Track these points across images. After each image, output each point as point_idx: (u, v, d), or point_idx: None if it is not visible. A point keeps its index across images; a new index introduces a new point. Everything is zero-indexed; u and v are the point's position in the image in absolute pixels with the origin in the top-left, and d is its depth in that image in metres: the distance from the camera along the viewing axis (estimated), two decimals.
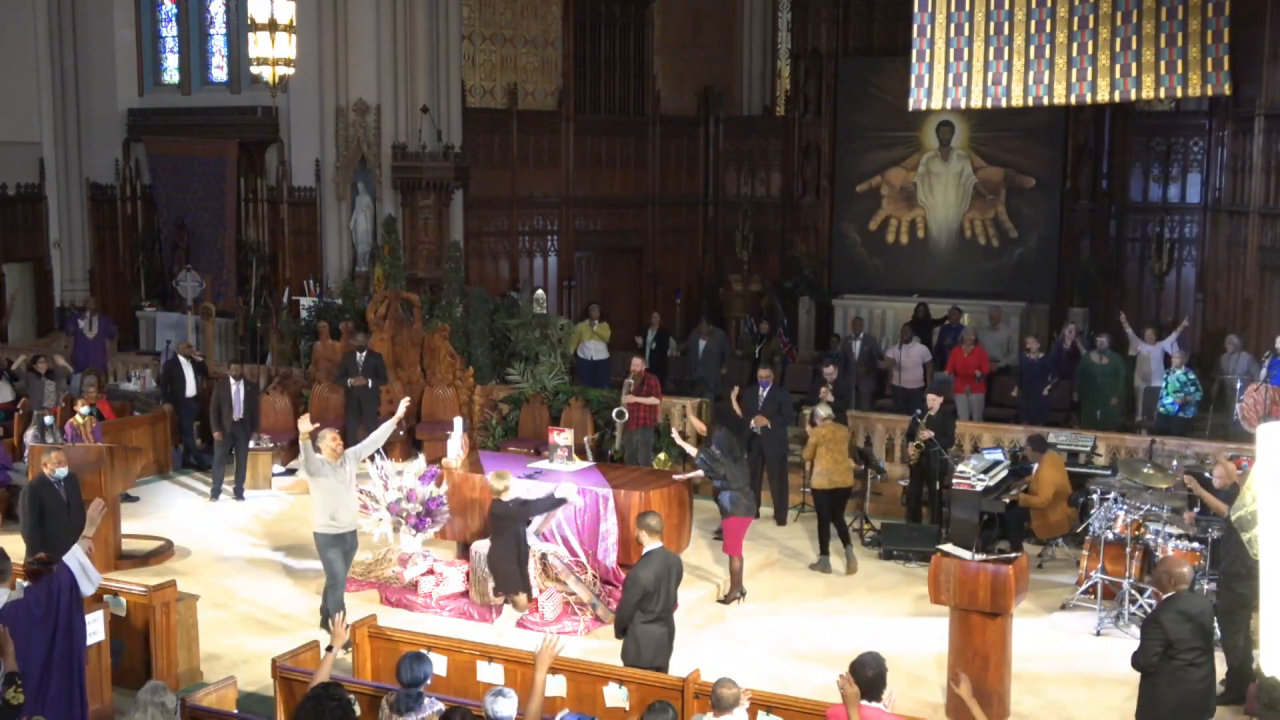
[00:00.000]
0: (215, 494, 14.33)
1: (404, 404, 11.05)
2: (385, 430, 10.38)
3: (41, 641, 7.18)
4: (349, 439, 15.05)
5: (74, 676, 7.31)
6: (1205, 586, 9.74)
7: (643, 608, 7.93)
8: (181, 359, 15.73)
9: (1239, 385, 14.37)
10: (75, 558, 7.63)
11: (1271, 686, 6.46)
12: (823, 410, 12.31)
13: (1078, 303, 19.58)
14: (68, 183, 21.79)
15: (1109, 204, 20.10)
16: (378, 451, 12.09)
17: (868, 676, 6.34)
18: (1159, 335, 16.06)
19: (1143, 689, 7.45)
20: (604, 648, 9.74)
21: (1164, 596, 7.41)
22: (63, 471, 10.17)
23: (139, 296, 21.49)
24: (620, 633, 8.11)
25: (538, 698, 6.54)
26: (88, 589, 7.80)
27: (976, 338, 16.42)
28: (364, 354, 15.02)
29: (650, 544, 8.11)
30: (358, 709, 7.27)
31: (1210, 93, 12.93)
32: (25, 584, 7.80)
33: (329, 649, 6.91)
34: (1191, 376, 14.74)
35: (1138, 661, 7.36)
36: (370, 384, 14.89)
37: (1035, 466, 11.93)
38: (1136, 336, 16.24)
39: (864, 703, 6.33)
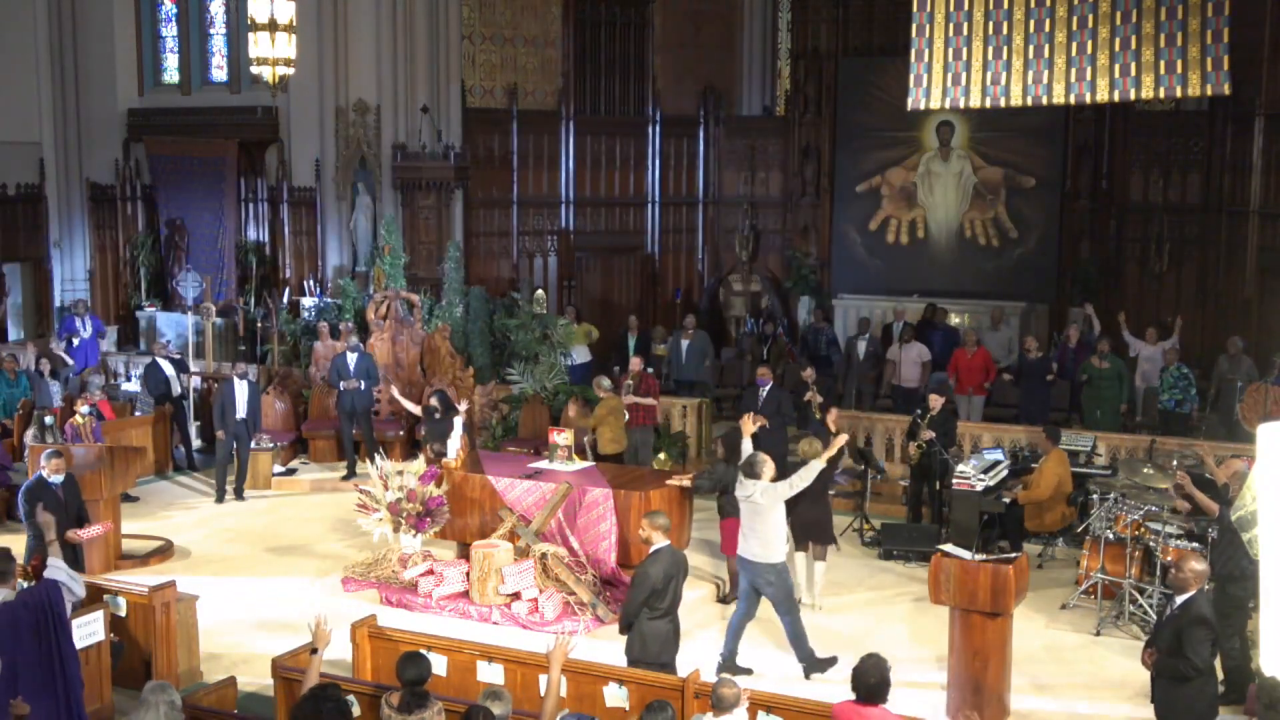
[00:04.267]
0: (220, 496, 14.28)
1: (842, 438, 10.23)
2: (816, 467, 9.60)
3: (32, 648, 7.18)
4: (345, 441, 15.12)
5: (66, 687, 7.29)
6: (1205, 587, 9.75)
7: (650, 605, 7.95)
8: (159, 360, 15.71)
9: (1239, 386, 14.38)
10: (60, 571, 7.61)
11: (1272, 686, 6.45)
12: (605, 382, 13.46)
13: (1078, 302, 19.57)
14: (68, 183, 21.78)
15: (1109, 204, 20.09)
16: (378, 451, 12.12)
17: (870, 683, 6.34)
18: (1160, 336, 16.05)
19: (1181, 694, 7.20)
20: (604, 648, 9.74)
21: (1188, 596, 7.27)
22: (59, 478, 10.17)
23: (139, 296, 21.49)
24: (625, 629, 8.12)
25: (553, 697, 6.54)
26: (80, 592, 7.82)
27: (979, 339, 16.41)
28: (356, 355, 14.99)
29: (659, 542, 8.13)
30: (358, 709, 7.30)
31: (1210, 93, 12.92)
32: (26, 585, 7.81)
33: (313, 651, 6.89)
34: (1184, 371, 14.77)
35: (1195, 665, 7.05)
36: (363, 386, 14.84)
37: (1041, 459, 11.96)
38: (1135, 339, 16.23)
39: (868, 707, 6.34)
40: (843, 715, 6.45)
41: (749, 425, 9.98)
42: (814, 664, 9.41)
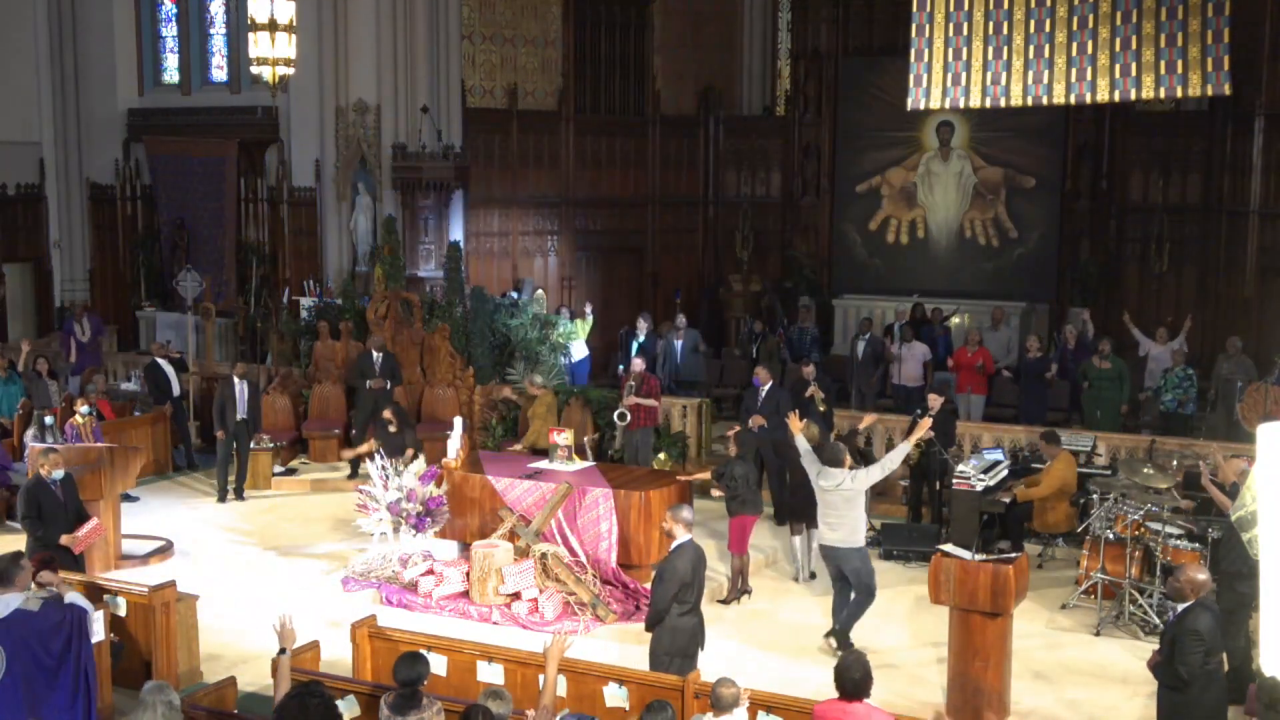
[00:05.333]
0: (222, 496, 14.29)
1: (926, 422, 10.57)
2: (904, 450, 10.02)
3: (44, 660, 7.18)
4: (361, 440, 15.09)
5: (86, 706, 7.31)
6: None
7: (679, 598, 7.96)
8: (159, 360, 15.71)
9: (1239, 386, 14.38)
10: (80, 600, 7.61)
11: (1272, 686, 6.45)
12: (538, 379, 13.61)
13: (1078, 302, 19.58)
14: (68, 183, 21.79)
15: (1109, 204, 20.09)
16: (378, 451, 12.14)
17: (855, 678, 6.34)
18: (1170, 336, 16.03)
19: (1172, 700, 7.29)
20: (604, 648, 9.75)
21: (1187, 604, 7.30)
22: (59, 473, 10.17)
23: (139, 296, 21.49)
24: (654, 624, 8.10)
25: (549, 694, 6.55)
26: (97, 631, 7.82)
27: (981, 338, 16.43)
28: (380, 355, 15.02)
29: (682, 536, 8.14)
30: (357, 709, 7.31)
31: (1210, 93, 12.92)
32: (41, 595, 7.82)
33: (281, 651, 6.88)
34: (1188, 372, 14.77)
35: (1178, 674, 7.14)
36: (389, 386, 14.89)
37: (1048, 461, 11.96)
38: (1146, 339, 16.20)
39: (852, 703, 6.33)
40: (826, 715, 6.43)
41: (797, 424, 10.15)
42: (844, 642, 9.74)
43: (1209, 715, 7.30)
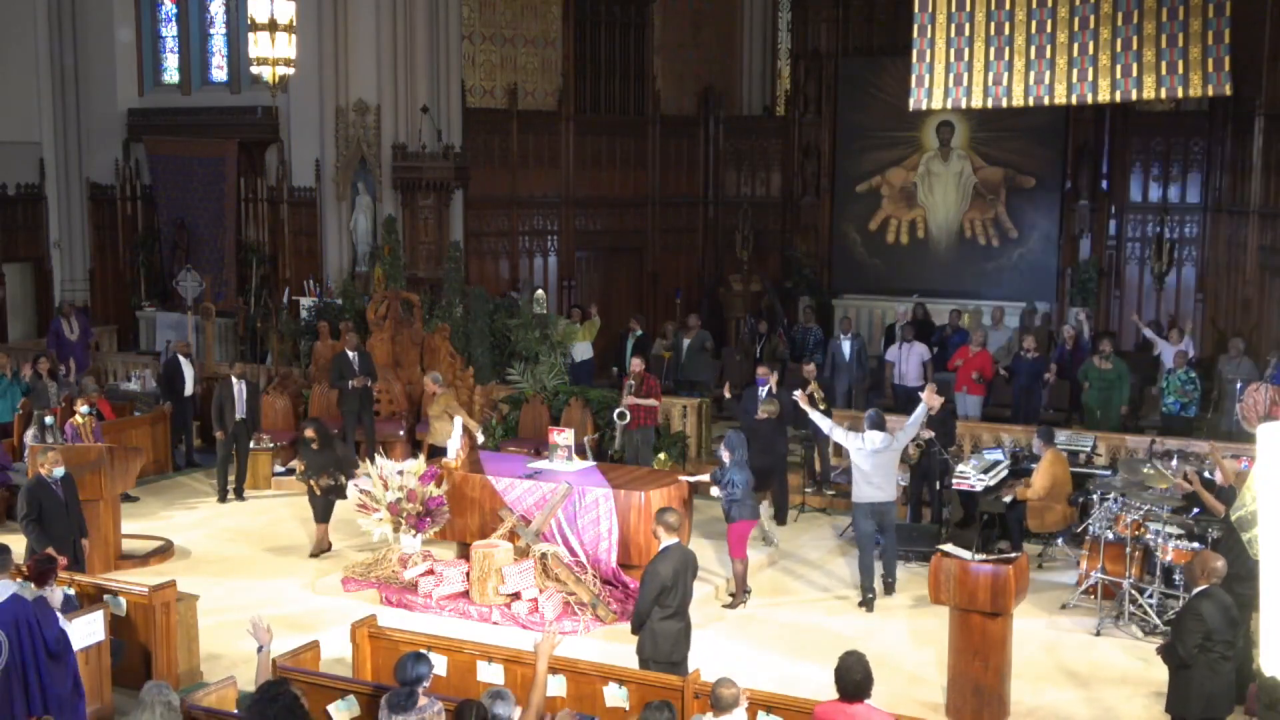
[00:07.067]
0: (222, 496, 14.30)
1: (938, 399, 11.86)
2: (921, 414, 11.22)
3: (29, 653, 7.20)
4: (348, 440, 15.09)
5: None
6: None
7: (661, 603, 7.94)
8: (180, 358, 15.75)
9: (1239, 386, 14.37)
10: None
11: (1272, 687, 6.46)
12: (439, 377, 14.04)
13: (1078, 302, 19.59)
14: (68, 183, 21.80)
15: (1109, 204, 20.10)
16: (378, 451, 12.12)
17: (856, 679, 6.33)
18: (1181, 336, 16.03)
19: (1176, 682, 7.51)
20: (604, 648, 9.74)
21: (1197, 589, 7.49)
22: (59, 471, 10.18)
23: (139, 296, 21.49)
24: (638, 628, 8.10)
25: (539, 690, 6.56)
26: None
27: (985, 339, 16.44)
28: (357, 355, 15.02)
29: (668, 539, 8.13)
30: (357, 709, 7.31)
31: (1210, 93, 12.91)
32: (36, 589, 7.80)
33: (259, 649, 6.93)
34: (1191, 375, 14.77)
35: (1176, 653, 7.38)
36: (369, 384, 14.93)
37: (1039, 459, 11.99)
38: (1159, 338, 16.18)
39: (853, 704, 6.33)
40: (827, 716, 6.42)
41: (806, 400, 11.68)
42: (891, 587, 11.08)
43: (1208, 702, 7.38)
